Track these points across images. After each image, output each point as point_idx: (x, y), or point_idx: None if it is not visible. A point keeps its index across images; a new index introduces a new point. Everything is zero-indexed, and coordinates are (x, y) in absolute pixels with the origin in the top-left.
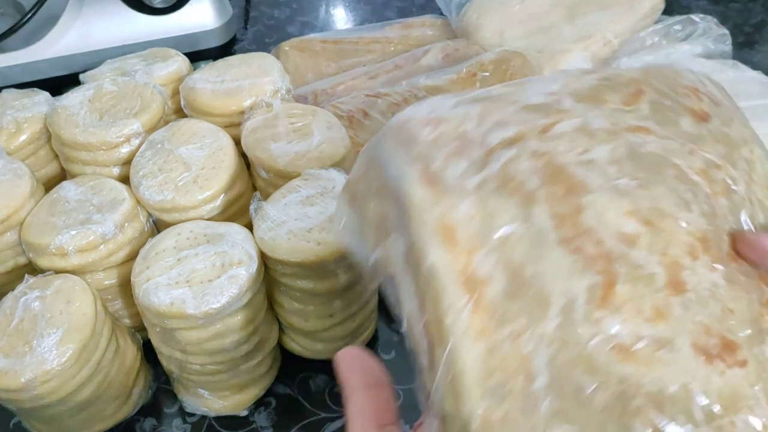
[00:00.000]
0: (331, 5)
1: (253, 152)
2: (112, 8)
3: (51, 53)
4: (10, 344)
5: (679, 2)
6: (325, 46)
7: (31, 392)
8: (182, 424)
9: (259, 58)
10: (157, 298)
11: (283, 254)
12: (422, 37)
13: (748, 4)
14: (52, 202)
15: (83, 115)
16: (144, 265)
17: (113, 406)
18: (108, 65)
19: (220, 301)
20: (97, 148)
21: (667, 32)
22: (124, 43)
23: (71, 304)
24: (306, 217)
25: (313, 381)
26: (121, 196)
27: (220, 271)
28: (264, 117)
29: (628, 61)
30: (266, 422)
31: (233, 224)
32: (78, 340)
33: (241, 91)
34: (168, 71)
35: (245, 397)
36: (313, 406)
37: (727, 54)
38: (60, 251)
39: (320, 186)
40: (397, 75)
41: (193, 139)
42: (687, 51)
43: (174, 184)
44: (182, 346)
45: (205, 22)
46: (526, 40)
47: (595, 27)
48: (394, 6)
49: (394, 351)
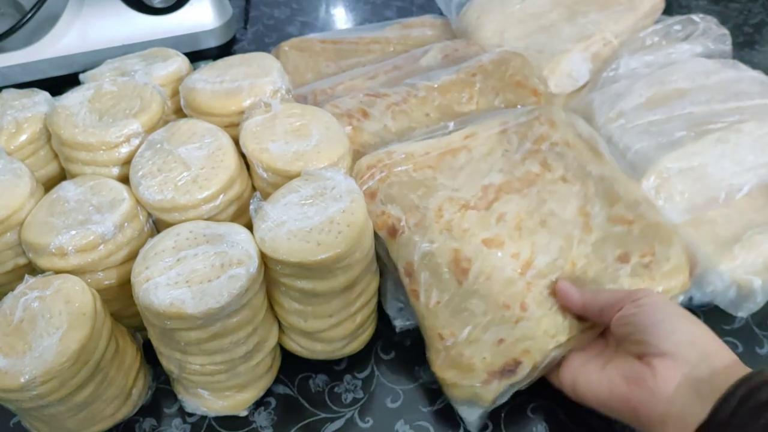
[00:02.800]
0: (331, 5)
1: (252, 152)
2: (112, 8)
3: (51, 53)
4: (9, 344)
5: (679, 2)
6: (324, 46)
7: (30, 392)
8: (182, 424)
9: (259, 58)
10: (157, 299)
11: (283, 254)
12: (422, 37)
13: (748, 4)
14: (51, 202)
15: (83, 115)
16: (143, 265)
17: (113, 406)
18: (108, 65)
19: (219, 302)
20: (96, 148)
21: (667, 32)
22: (123, 43)
23: (71, 304)
24: (306, 217)
25: (312, 381)
26: (121, 197)
27: (220, 271)
28: (263, 117)
29: (628, 60)
30: (266, 422)
31: (233, 224)
32: (77, 341)
33: (240, 91)
34: (168, 71)
35: (245, 397)
36: (312, 406)
37: (727, 54)
38: (59, 251)
39: (320, 186)
40: (397, 75)
41: (193, 139)
42: (687, 51)
43: (173, 184)
44: (182, 346)
45: (204, 22)
46: (526, 40)
47: (595, 27)
48: (394, 6)
49: (394, 351)
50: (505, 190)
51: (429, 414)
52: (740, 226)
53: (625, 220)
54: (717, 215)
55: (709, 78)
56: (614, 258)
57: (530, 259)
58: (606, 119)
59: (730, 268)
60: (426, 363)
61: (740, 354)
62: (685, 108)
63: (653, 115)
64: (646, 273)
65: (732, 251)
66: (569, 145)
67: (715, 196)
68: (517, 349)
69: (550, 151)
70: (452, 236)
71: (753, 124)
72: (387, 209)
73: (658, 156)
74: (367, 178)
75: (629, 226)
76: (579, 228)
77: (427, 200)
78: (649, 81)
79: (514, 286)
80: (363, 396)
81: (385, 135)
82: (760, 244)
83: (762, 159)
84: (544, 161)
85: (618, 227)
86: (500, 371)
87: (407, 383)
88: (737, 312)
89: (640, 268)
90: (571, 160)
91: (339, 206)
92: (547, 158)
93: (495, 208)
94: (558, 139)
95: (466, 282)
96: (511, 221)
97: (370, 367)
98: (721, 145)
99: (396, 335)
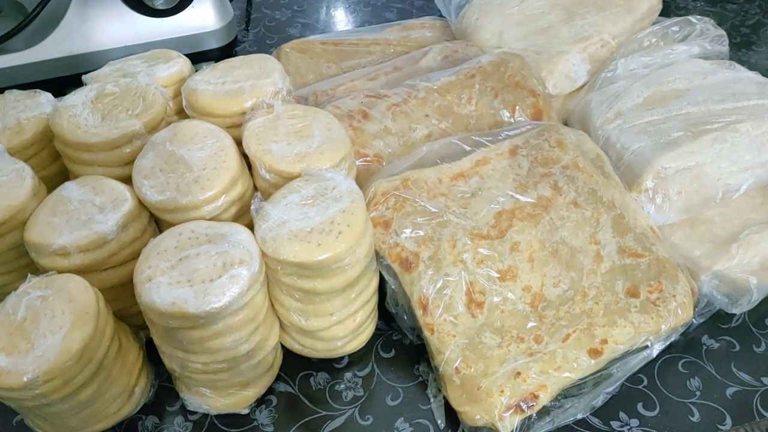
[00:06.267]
0: (332, 7)
1: (254, 153)
2: (114, 10)
3: (54, 54)
4: (12, 343)
5: (676, 3)
6: (325, 47)
7: (33, 391)
8: (184, 422)
9: (261, 60)
10: (159, 298)
11: (284, 254)
12: (421, 38)
13: (745, 6)
14: (54, 202)
15: (85, 116)
16: (146, 264)
17: (115, 404)
18: (110, 66)
19: (221, 301)
20: (99, 149)
21: (665, 33)
22: (126, 45)
23: (73, 304)
24: (307, 217)
25: (313, 379)
26: (123, 197)
27: (222, 270)
28: (265, 118)
29: (625, 61)
30: (267, 420)
31: (234, 224)
32: (80, 340)
33: (242, 92)
34: (170, 72)
35: (246, 395)
36: (313, 404)
37: (724, 55)
38: (62, 251)
39: (321, 186)
40: (397, 76)
41: (195, 139)
42: (684, 52)
43: (176, 184)
44: (184, 345)
45: (206, 23)
46: (525, 42)
47: (593, 28)
48: (394, 8)
49: (394, 350)
50: (518, 217)
51: (429, 412)
52: (737, 225)
53: (634, 253)
54: (714, 214)
55: (707, 78)
56: (623, 291)
57: (541, 291)
58: (604, 119)
59: (726, 267)
60: (426, 361)
61: (737, 353)
62: (683, 108)
63: (651, 115)
64: (654, 310)
65: (729, 250)
66: (579, 167)
67: (712, 196)
68: (534, 383)
69: (561, 174)
70: (466, 269)
71: (750, 124)
72: (401, 241)
73: (656, 156)
74: (381, 204)
75: (638, 259)
76: (590, 257)
77: (441, 231)
78: (647, 81)
79: (527, 319)
80: (363, 394)
81: (386, 136)
82: (757, 243)
83: (759, 158)
84: (555, 185)
85: (628, 259)
86: (517, 405)
87: (407, 381)
88: (732, 309)
89: (649, 304)
90: (581, 183)
91: (339, 206)
92: (558, 182)
93: (508, 237)
94: (568, 162)
95: (480, 315)
96: (524, 251)
97: (370, 366)
98: (719, 144)
99: (396, 334)
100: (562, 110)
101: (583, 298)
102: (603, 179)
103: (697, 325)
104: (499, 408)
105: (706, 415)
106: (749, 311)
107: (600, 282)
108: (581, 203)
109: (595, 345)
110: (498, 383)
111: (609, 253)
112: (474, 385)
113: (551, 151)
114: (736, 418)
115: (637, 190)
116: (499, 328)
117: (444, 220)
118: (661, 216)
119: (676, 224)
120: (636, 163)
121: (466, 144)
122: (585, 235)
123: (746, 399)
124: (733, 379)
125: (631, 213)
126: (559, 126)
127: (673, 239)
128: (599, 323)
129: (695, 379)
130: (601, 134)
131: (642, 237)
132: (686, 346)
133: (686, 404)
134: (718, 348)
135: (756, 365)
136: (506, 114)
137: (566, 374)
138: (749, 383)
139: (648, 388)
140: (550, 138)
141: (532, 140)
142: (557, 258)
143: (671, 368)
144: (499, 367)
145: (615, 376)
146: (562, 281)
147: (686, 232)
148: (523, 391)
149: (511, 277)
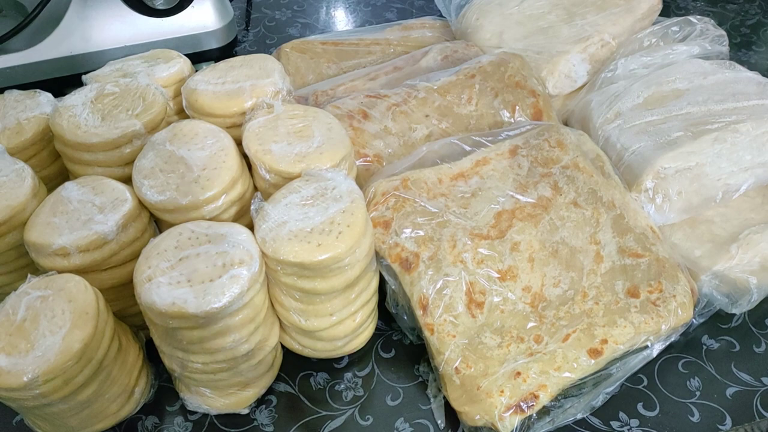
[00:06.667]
0: (332, 7)
1: (254, 153)
2: (114, 10)
3: (53, 54)
4: (12, 343)
5: (676, 3)
6: (325, 47)
7: (33, 391)
8: (184, 422)
9: (261, 60)
10: (159, 298)
11: (284, 254)
12: (421, 38)
13: (745, 6)
14: (54, 202)
15: (85, 116)
16: (146, 264)
17: (115, 404)
18: (110, 66)
19: (221, 301)
20: (99, 149)
21: (665, 33)
22: (126, 45)
23: (73, 304)
24: (307, 217)
25: (313, 379)
26: (123, 197)
27: (222, 270)
28: (265, 118)
29: (626, 61)
30: (267, 420)
31: (234, 224)
32: (80, 340)
33: (242, 92)
34: (170, 72)
35: (246, 395)
36: (313, 404)
37: (724, 55)
38: (62, 251)
39: (320, 187)
40: (397, 76)
41: (195, 139)
42: (684, 52)
43: (176, 184)
44: (184, 345)
45: (206, 23)
46: (525, 42)
47: (593, 28)
48: (394, 8)
49: (393, 350)
50: (518, 217)
51: (429, 412)
52: (737, 225)
53: (634, 253)
54: (714, 214)
55: (707, 78)
56: (623, 291)
57: (541, 291)
58: (604, 119)
59: (726, 267)
60: (426, 361)
61: (737, 353)
62: (683, 108)
63: (651, 115)
64: (654, 310)
65: (729, 250)
66: (579, 167)
67: (712, 196)
68: (534, 383)
69: (561, 174)
70: (466, 269)
71: (750, 124)
72: (401, 241)
73: (656, 156)
74: (381, 204)
75: (638, 259)
76: (590, 257)
77: (441, 231)
78: (647, 82)
79: (527, 319)
80: (363, 394)
81: (386, 136)
82: (757, 243)
83: (759, 159)
84: (555, 185)
85: (628, 259)
86: (517, 405)
87: (407, 381)
88: (732, 310)
89: (649, 304)
90: (581, 183)
91: (339, 207)
92: (558, 182)
93: (508, 237)
94: (568, 162)
95: (480, 315)
96: (524, 252)
97: (370, 366)
98: (719, 144)
99: (396, 334)
100: (562, 110)
101: (583, 298)
102: (603, 179)
103: (697, 325)
104: (499, 408)
105: (706, 415)
106: (749, 311)
107: (600, 282)
108: (581, 203)
109: (595, 345)
110: (498, 383)
111: (609, 253)
112: (474, 385)
113: (551, 151)
114: (736, 418)
115: (637, 190)
116: (499, 328)
117: (444, 220)
118: (661, 216)
119: (676, 224)
120: (636, 163)
121: (466, 144)
122: (585, 235)
123: (746, 399)
124: (733, 379)
125: (631, 213)
126: (559, 126)
127: (673, 239)
128: (599, 323)
129: (695, 379)
130: (601, 134)
131: (642, 237)
132: (686, 346)
133: (686, 404)
134: (718, 348)
135: (756, 365)
136: (506, 114)
137: (566, 374)
138: (749, 383)
139: (648, 388)
140: (550, 138)
141: (532, 140)
142: (557, 258)
143: (671, 368)
144: (499, 367)
145: (615, 376)
146: (562, 281)
147: (686, 232)
148: (523, 391)
149: (511, 277)
